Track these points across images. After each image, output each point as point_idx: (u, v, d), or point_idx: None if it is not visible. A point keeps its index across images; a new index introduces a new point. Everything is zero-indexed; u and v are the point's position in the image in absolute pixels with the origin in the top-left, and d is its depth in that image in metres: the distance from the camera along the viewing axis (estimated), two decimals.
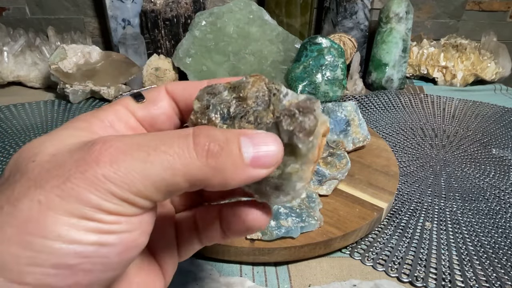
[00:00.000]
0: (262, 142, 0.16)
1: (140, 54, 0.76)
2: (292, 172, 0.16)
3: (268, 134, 0.16)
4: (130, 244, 0.15)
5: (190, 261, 0.34)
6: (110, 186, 0.14)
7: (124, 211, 0.14)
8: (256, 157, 0.15)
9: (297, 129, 0.16)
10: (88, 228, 0.13)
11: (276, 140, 0.16)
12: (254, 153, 0.15)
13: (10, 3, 0.81)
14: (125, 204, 0.14)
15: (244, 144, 0.15)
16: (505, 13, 1.00)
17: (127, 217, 0.14)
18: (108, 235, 0.14)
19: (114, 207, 0.14)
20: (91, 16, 0.85)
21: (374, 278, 0.33)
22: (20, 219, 0.13)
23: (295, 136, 0.16)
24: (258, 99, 0.17)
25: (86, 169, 0.14)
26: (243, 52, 0.76)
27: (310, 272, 0.34)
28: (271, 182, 0.17)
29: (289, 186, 0.17)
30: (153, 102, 0.20)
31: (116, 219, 0.14)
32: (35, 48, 0.74)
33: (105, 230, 0.14)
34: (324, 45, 0.71)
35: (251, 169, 0.15)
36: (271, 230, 0.33)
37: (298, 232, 0.34)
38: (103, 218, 0.14)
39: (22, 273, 0.13)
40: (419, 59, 0.86)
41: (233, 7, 0.75)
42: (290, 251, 0.34)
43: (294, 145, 0.16)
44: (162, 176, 0.14)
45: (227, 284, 0.32)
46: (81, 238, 0.13)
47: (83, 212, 0.13)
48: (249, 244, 0.34)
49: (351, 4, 0.80)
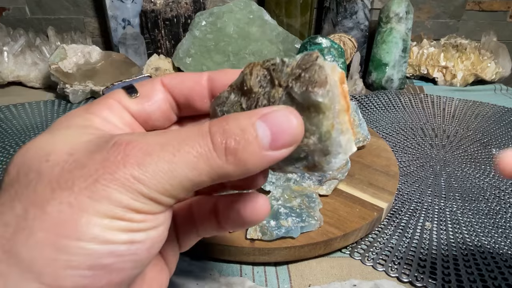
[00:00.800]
0: (277, 122, 0.15)
1: (140, 54, 0.76)
2: (329, 129, 0.16)
3: (282, 110, 0.15)
4: (157, 239, 0.15)
5: (190, 261, 0.34)
6: (139, 187, 0.14)
7: (151, 210, 0.15)
8: (275, 139, 0.15)
9: (309, 85, 0.15)
10: (120, 227, 0.14)
11: (291, 115, 0.15)
12: (272, 136, 0.15)
13: (10, 3, 0.81)
14: (152, 203, 0.14)
15: (260, 129, 0.15)
16: (505, 13, 1.00)
17: (152, 215, 0.15)
18: (137, 233, 0.14)
19: (142, 206, 0.14)
20: (91, 16, 0.85)
21: (374, 278, 0.33)
22: (51, 223, 0.13)
23: (311, 94, 0.15)
24: (262, 82, 0.17)
25: (115, 170, 0.14)
26: (243, 52, 0.76)
27: (310, 272, 0.34)
28: (316, 150, 0.16)
29: (334, 145, 0.16)
30: (147, 97, 0.19)
31: (144, 218, 0.14)
32: (35, 48, 0.74)
33: (135, 229, 0.14)
34: (324, 45, 0.71)
35: (272, 152, 0.15)
36: (271, 230, 0.33)
37: (298, 232, 0.34)
38: (133, 217, 0.14)
39: (59, 277, 0.13)
40: (419, 59, 0.86)
41: (233, 7, 0.75)
42: (290, 251, 0.34)
43: (315, 103, 0.15)
44: (188, 176, 0.15)
45: (227, 284, 0.32)
46: (114, 238, 0.14)
47: (114, 212, 0.14)
48: (249, 244, 0.34)
49: (351, 4, 0.80)
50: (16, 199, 0.14)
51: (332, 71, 0.16)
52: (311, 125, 0.16)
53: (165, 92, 0.19)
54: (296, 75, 0.16)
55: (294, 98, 0.16)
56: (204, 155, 0.15)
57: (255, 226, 0.34)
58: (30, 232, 0.13)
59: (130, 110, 0.19)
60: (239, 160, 0.15)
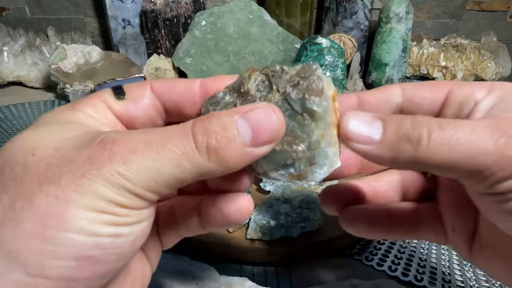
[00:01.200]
0: (258, 119, 0.16)
1: (140, 54, 0.76)
2: (319, 139, 0.16)
3: (263, 107, 0.16)
4: (140, 233, 0.16)
5: (190, 261, 0.34)
6: (124, 183, 0.14)
7: (136, 205, 0.15)
8: (255, 136, 0.16)
9: (306, 93, 0.16)
10: (105, 221, 0.14)
11: (272, 112, 0.16)
12: (253, 133, 0.16)
13: (10, 3, 0.81)
14: (137, 199, 0.15)
15: (241, 126, 0.16)
16: (505, 13, 1.00)
17: (137, 210, 0.15)
18: (122, 226, 0.15)
19: (127, 201, 0.15)
20: (91, 16, 0.85)
21: (374, 278, 0.33)
22: (38, 214, 0.14)
23: (307, 101, 0.16)
24: (260, 86, 0.17)
25: (101, 166, 0.14)
26: (243, 52, 0.76)
27: (310, 272, 0.34)
28: (304, 158, 0.17)
29: (322, 156, 0.17)
30: (134, 101, 0.19)
31: (128, 212, 0.15)
32: (35, 48, 0.74)
33: (120, 222, 0.15)
34: (324, 45, 0.71)
35: (253, 148, 0.16)
36: (271, 230, 0.33)
37: (298, 232, 0.34)
38: (118, 211, 0.15)
39: (44, 267, 0.13)
40: (419, 59, 0.86)
41: (233, 7, 0.75)
42: (290, 251, 0.34)
43: (309, 110, 0.16)
44: (171, 173, 0.15)
45: (227, 284, 0.32)
46: (100, 231, 0.14)
47: (100, 206, 0.14)
48: (249, 244, 0.34)
49: (351, 4, 0.80)
50: (3, 191, 0.14)
51: (327, 85, 0.17)
52: (302, 132, 0.16)
53: (154, 97, 0.19)
54: (294, 82, 0.16)
55: (290, 104, 0.16)
56: (187, 154, 0.15)
57: (255, 226, 0.34)
58: (17, 223, 0.13)
59: (115, 112, 0.19)
60: (221, 158, 0.15)
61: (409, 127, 0.16)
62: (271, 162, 0.17)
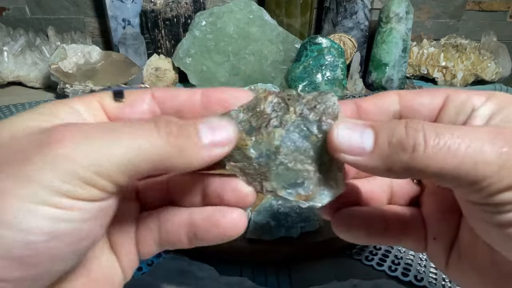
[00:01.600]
0: (216, 122, 0.17)
1: (140, 54, 0.76)
2: (330, 161, 0.17)
3: (223, 117, 0.17)
4: (85, 234, 0.14)
5: (190, 261, 0.34)
6: (71, 166, 0.13)
7: (85, 195, 0.13)
8: (212, 137, 0.16)
9: (323, 116, 0.17)
10: (43, 215, 0.13)
11: (228, 120, 0.17)
12: (210, 133, 0.16)
13: (10, 3, 0.81)
14: (86, 186, 0.13)
15: (200, 126, 0.16)
16: (505, 13, 1.00)
17: (85, 202, 0.14)
18: (63, 223, 0.13)
19: (75, 190, 0.13)
20: (91, 16, 0.85)
21: (374, 278, 0.33)
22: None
23: (324, 123, 0.17)
24: (275, 107, 0.18)
25: (48, 150, 0.13)
26: (243, 52, 0.76)
27: (310, 272, 0.34)
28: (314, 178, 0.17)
29: (331, 178, 0.17)
30: (131, 105, 0.18)
31: (72, 204, 0.13)
32: (35, 48, 0.74)
33: (61, 218, 0.13)
34: (324, 45, 0.71)
35: (210, 147, 0.16)
36: (271, 230, 0.33)
37: (298, 232, 0.34)
38: (61, 202, 0.13)
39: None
40: (419, 59, 0.86)
41: (233, 7, 0.75)
42: (290, 251, 0.34)
43: (325, 132, 0.17)
44: (127, 155, 0.14)
45: (227, 284, 0.32)
46: (33, 227, 0.13)
47: (39, 196, 0.13)
48: (249, 244, 0.34)
49: (351, 4, 0.80)
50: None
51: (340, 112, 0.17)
52: (315, 153, 0.17)
53: (153, 104, 0.19)
54: (311, 106, 0.17)
55: (306, 125, 0.17)
56: (146, 135, 0.15)
57: (255, 226, 0.34)
58: None
59: (108, 112, 0.18)
60: (180, 144, 0.15)
61: (403, 134, 0.15)
62: (281, 179, 0.18)
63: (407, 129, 0.15)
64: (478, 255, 0.18)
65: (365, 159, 0.16)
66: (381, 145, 0.15)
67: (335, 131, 0.16)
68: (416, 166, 0.15)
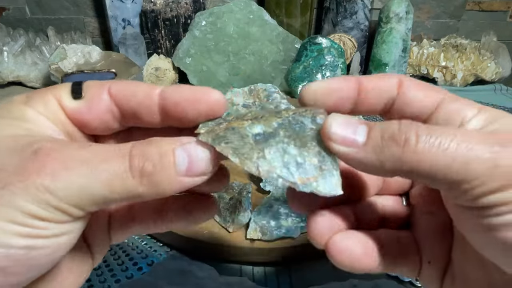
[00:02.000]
0: (195, 151, 0.16)
1: (140, 54, 0.76)
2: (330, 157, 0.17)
3: (201, 143, 0.17)
4: (59, 247, 0.15)
5: (190, 261, 0.34)
6: (47, 197, 0.14)
7: (56, 218, 0.15)
8: (191, 167, 0.16)
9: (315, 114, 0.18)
10: (19, 232, 0.14)
11: (208, 149, 0.17)
12: (189, 164, 0.16)
13: (10, 3, 0.81)
14: (58, 213, 0.15)
15: (178, 155, 0.16)
16: (505, 13, 1.00)
17: (57, 223, 0.15)
18: (38, 239, 0.14)
19: (47, 214, 0.14)
20: (91, 16, 0.85)
21: (374, 278, 0.33)
22: None
23: (317, 117, 0.17)
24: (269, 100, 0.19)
25: (27, 177, 0.14)
26: (243, 52, 0.76)
27: (310, 272, 0.34)
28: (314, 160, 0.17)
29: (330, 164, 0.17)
30: (88, 104, 0.18)
31: (46, 225, 0.15)
32: (35, 48, 0.74)
33: (35, 235, 0.14)
34: (324, 45, 0.71)
35: (186, 178, 0.16)
36: (271, 230, 0.33)
37: (298, 232, 0.34)
38: (35, 223, 0.14)
39: None
40: (419, 59, 0.86)
41: (233, 7, 0.75)
42: (290, 251, 0.34)
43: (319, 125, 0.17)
44: (100, 192, 0.15)
45: (227, 284, 0.32)
46: (11, 242, 0.14)
47: (15, 217, 0.14)
48: (249, 244, 0.34)
49: (351, 4, 0.80)
50: None
51: None
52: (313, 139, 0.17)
53: (111, 101, 0.19)
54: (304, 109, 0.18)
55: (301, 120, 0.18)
56: (120, 175, 0.15)
57: (255, 226, 0.34)
58: None
59: (67, 112, 0.18)
60: (152, 183, 0.16)
61: (396, 129, 0.15)
62: (280, 157, 0.17)
63: (400, 125, 0.15)
64: (472, 278, 0.18)
65: (357, 151, 0.16)
66: (374, 138, 0.15)
67: (329, 120, 0.16)
68: (408, 161, 0.15)
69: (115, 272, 0.33)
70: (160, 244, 0.36)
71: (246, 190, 0.37)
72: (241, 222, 0.35)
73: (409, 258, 0.20)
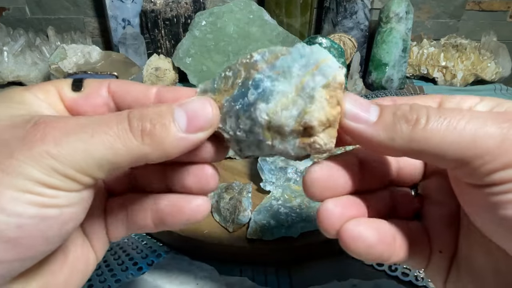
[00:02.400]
0: (193, 107, 0.17)
1: (140, 54, 0.76)
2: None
3: (200, 99, 0.17)
4: (69, 218, 0.16)
5: (190, 261, 0.34)
6: (53, 163, 0.14)
7: (65, 186, 0.15)
8: (190, 123, 0.16)
9: None
10: (30, 201, 0.14)
11: (207, 103, 0.17)
12: (188, 120, 0.16)
13: (10, 3, 0.81)
14: (67, 180, 0.15)
15: (177, 113, 0.16)
16: (505, 13, 1.00)
17: (67, 192, 0.15)
18: (49, 208, 0.15)
19: (56, 182, 0.15)
20: (91, 16, 0.85)
21: (374, 278, 0.33)
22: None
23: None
24: None
25: (32, 146, 0.14)
26: (243, 52, 0.76)
27: (310, 272, 0.34)
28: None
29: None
30: (86, 96, 0.19)
31: (56, 193, 0.15)
32: (35, 48, 0.74)
33: (46, 204, 0.14)
34: (324, 45, 0.71)
35: (188, 134, 0.16)
36: (271, 230, 0.33)
37: (298, 232, 0.34)
38: (45, 192, 0.14)
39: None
40: (419, 59, 0.86)
41: (233, 7, 0.75)
42: (290, 251, 0.34)
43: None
44: (105, 155, 0.15)
45: (227, 284, 0.32)
46: (23, 211, 0.14)
47: (25, 186, 0.14)
48: (249, 244, 0.34)
49: (351, 4, 0.80)
50: None
51: None
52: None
53: (108, 97, 0.19)
54: None
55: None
56: (121, 136, 0.15)
57: (255, 226, 0.34)
58: None
59: (65, 103, 0.19)
60: (155, 141, 0.16)
61: (407, 110, 0.16)
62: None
63: (412, 106, 0.16)
64: (478, 267, 0.18)
65: (368, 128, 0.16)
66: (386, 116, 0.16)
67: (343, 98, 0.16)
68: (417, 138, 0.15)
69: (115, 272, 0.33)
70: (160, 244, 0.36)
71: (246, 190, 0.37)
72: (241, 222, 0.35)
73: (420, 247, 0.20)
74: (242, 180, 0.42)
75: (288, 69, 0.17)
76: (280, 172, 0.40)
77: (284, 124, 0.16)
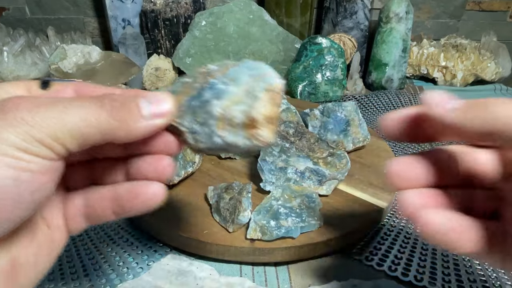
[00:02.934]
0: (155, 96, 0.20)
1: (140, 54, 0.76)
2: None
3: (162, 92, 0.20)
4: (40, 184, 0.17)
5: (190, 261, 0.34)
6: (30, 129, 0.16)
7: (40, 153, 0.16)
8: (152, 109, 0.19)
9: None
10: (7, 163, 0.15)
11: (168, 95, 0.20)
12: (150, 106, 0.19)
13: (10, 3, 0.81)
14: (42, 147, 0.16)
15: (142, 100, 0.19)
16: (505, 13, 1.00)
17: (41, 159, 0.16)
18: (24, 172, 0.16)
19: (32, 148, 0.16)
20: (91, 16, 0.85)
21: (374, 278, 0.33)
22: None
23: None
24: None
25: (6, 113, 0.16)
26: (243, 52, 0.76)
27: (310, 272, 0.34)
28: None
29: None
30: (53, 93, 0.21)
31: (31, 158, 0.16)
32: (35, 48, 0.74)
33: (22, 167, 0.16)
34: (324, 45, 0.71)
35: (150, 118, 0.19)
36: (271, 230, 0.33)
37: (298, 232, 0.34)
38: (22, 156, 0.16)
39: None
40: (419, 59, 0.86)
41: (233, 7, 0.75)
42: (290, 251, 0.34)
43: None
44: (77, 125, 0.17)
45: (227, 284, 0.32)
46: (1, 173, 0.15)
47: (4, 150, 0.15)
48: (249, 244, 0.34)
49: (351, 4, 0.80)
50: None
51: None
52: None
53: (74, 94, 0.21)
54: None
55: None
56: (93, 110, 0.17)
57: (255, 226, 0.34)
58: None
59: None
60: (122, 118, 0.18)
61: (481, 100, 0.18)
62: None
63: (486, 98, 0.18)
64: None
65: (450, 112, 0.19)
66: (463, 104, 0.18)
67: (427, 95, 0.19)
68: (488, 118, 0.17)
69: (115, 272, 0.33)
70: (160, 244, 0.36)
71: (246, 190, 0.37)
72: (241, 222, 0.35)
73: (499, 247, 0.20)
74: (242, 180, 0.42)
75: (238, 77, 0.20)
76: (280, 172, 0.40)
77: (234, 117, 0.20)
